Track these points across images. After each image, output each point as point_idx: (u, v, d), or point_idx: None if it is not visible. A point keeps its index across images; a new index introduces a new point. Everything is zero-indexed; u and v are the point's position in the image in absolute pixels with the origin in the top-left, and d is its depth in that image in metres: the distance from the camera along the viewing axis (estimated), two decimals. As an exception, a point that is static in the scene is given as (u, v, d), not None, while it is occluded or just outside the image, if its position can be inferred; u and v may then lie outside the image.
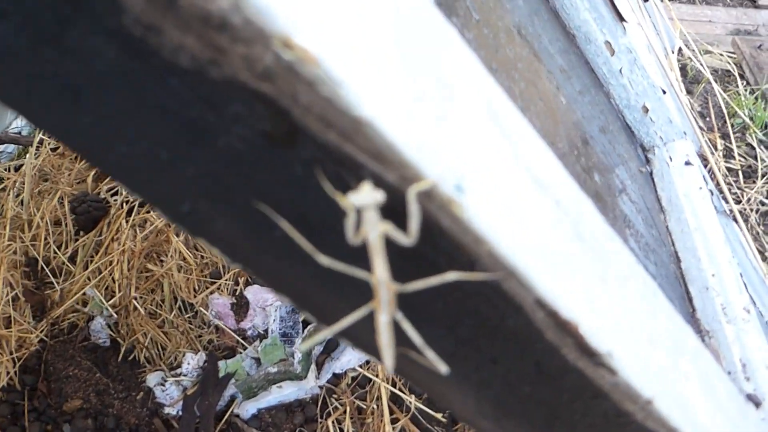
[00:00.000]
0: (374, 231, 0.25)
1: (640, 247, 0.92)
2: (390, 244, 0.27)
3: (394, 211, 0.26)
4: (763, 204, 2.11)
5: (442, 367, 0.29)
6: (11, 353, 1.22)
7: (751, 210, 2.06)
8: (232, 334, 1.28)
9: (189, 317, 1.31)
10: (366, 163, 0.25)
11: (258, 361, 1.21)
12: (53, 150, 1.66)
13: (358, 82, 0.22)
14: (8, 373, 1.20)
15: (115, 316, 1.30)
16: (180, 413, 1.18)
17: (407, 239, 0.26)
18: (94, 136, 0.26)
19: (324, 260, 0.27)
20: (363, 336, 0.33)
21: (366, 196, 0.24)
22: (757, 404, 0.83)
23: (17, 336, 1.25)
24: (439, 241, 0.27)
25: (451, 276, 0.26)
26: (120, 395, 1.19)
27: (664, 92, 1.24)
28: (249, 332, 1.29)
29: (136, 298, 1.30)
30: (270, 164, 0.26)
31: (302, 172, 0.26)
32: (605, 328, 0.33)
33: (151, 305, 1.32)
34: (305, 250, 0.27)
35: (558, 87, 0.94)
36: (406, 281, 0.28)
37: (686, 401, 0.43)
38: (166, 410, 1.18)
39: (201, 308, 1.31)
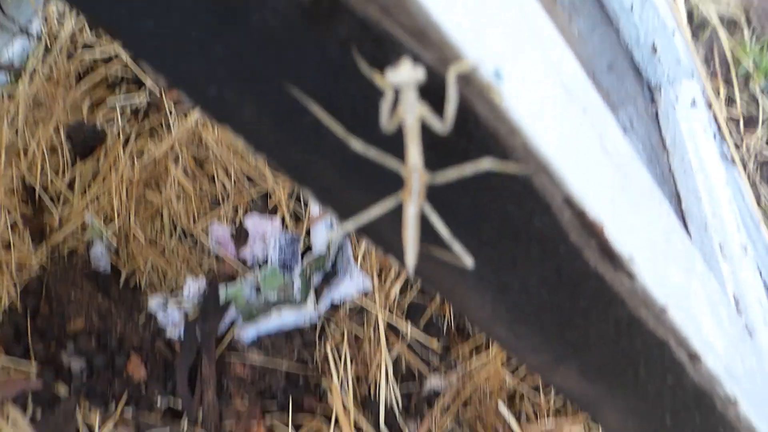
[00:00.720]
0: (412, 113, 0.25)
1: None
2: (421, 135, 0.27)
3: (429, 95, 0.25)
4: (762, 153, 2.11)
5: (468, 260, 0.29)
6: (12, 277, 1.23)
7: (749, 158, 2.05)
8: (232, 262, 1.29)
9: (189, 246, 1.32)
10: (405, 41, 0.24)
11: (258, 288, 1.23)
12: (47, 79, 1.62)
13: (404, -51, 0.22)
14: (9, 295, 1.21)
15: (115, 245, 1.31)
16: (181, 336, 1.19)
17: (443, 126, 0.25)
18: (122, 10, 0.25)
19: (357, 145, 0.26)
20: (385, 233, 0.33)
21: (406, 74, 0.23)
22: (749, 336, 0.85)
23: (17, 260, 1.25)
24: (473, 130, 0.27)
25: (486, 164, 0.26)
26: (122, 318, 1.20)
27: (673, 33, 1.22)
28: (249, 261, 1.30)
29: (135, 225, 1.30)
30: (303, 44, 0.25)
31: (337, 52, 0.25)
32: (627, 234, 0.34)
33: (151, 233, 1.32)
34: (336, 137, 0.27)
35: (570, 18, 0.92)
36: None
37: (695, 316, 0.44)
38: (168, 333, 1.20)
39: (201, 236, 1.31)
